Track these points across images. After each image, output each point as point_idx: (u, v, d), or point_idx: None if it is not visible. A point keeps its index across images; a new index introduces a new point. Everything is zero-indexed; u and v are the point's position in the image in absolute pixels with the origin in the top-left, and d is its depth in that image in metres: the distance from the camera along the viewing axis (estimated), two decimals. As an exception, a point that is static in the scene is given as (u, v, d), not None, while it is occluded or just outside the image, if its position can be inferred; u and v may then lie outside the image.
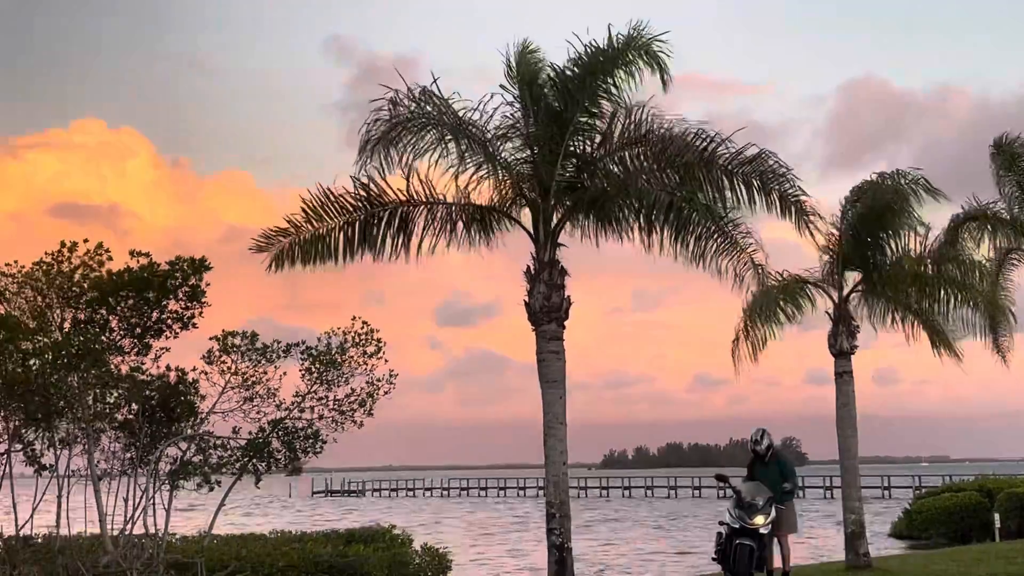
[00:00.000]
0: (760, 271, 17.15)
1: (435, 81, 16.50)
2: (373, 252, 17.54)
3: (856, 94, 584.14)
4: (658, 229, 16.74)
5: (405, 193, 17.11)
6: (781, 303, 20.19)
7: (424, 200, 17.19)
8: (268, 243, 17.53)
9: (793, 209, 16.56)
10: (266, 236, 17.52)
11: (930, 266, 20.13)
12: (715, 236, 16.72)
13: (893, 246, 20.43)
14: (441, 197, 17.16)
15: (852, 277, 20.57)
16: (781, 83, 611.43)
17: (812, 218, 16.95)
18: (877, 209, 19.72)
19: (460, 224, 17.46)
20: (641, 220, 16.78)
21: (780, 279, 18.70)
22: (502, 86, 16.92)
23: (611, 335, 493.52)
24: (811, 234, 17.22)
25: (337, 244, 17.47)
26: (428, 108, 16.39)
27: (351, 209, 17.27)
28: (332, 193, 17.15)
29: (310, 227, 17.33)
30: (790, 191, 16.48)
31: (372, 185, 16.98)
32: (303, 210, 17.26)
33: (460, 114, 16.55)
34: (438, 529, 53.76)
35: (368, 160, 16.25)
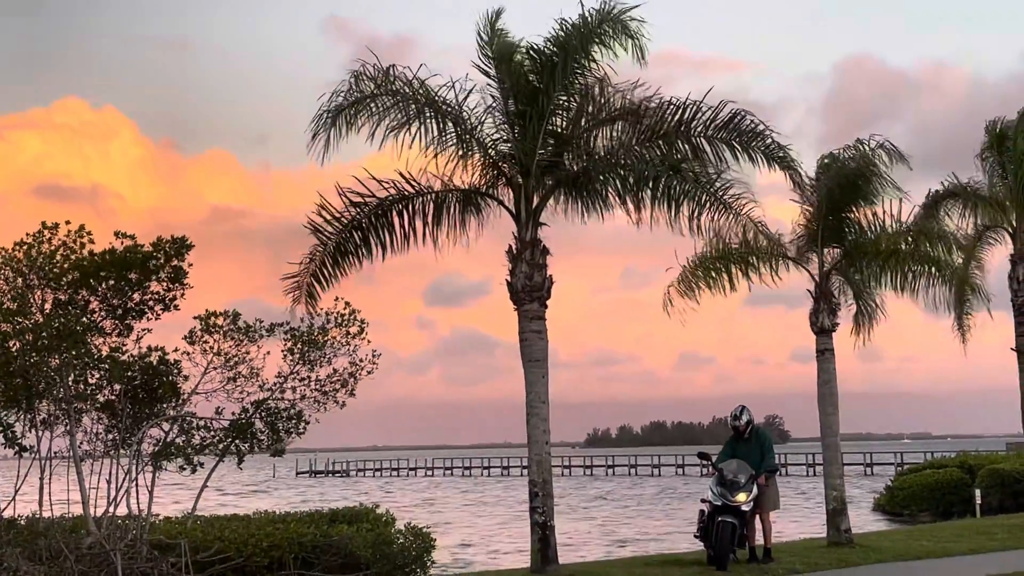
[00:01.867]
0: (760, 227, 17.21)
1: (403, 71, 16.45)
2: (383, 250, 17.54)
3: (852, 72, 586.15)
4: (647, 204, 16.71)
5: (397, 187, 17.10)
6: (753, 261, 20.13)
7: (416, 190, 17.16)
8: (297, 290, 17.62)
9: (779, 163, 16.53)
10: (291, 284, 17.76)
11: (908, 240, 20.13)
12: (707, 204, 16.69)
13: (866, 221, 20.41)
14: (428, 186, 17.12)
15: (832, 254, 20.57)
16: (777, 61, 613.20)
17: (799, 170, 17.01)
18: (844, 182, 19.72)
19: (452, 209, 17.43)
20: (629, 196, 16.75)
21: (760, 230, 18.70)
22: (475, 63, 16.85)
23: (599, 314, 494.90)
24: (801, 186, 17.22)
25: (346, 255, 17.49)
26: (396, 86, 16.33)
27: (347, 221, 17.26)
28: (327, 207, 17.15)
29: (320, 248, 17.37)
30: (772, 146, 16.46)
31: (363, 185, 16.99)
32: (313, 226, 17.25)
33: (434, 93, 16.48)
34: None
35: (324, 134, 16.17)
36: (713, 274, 20.40)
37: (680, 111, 16.46)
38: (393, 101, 16.32)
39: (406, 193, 17.09)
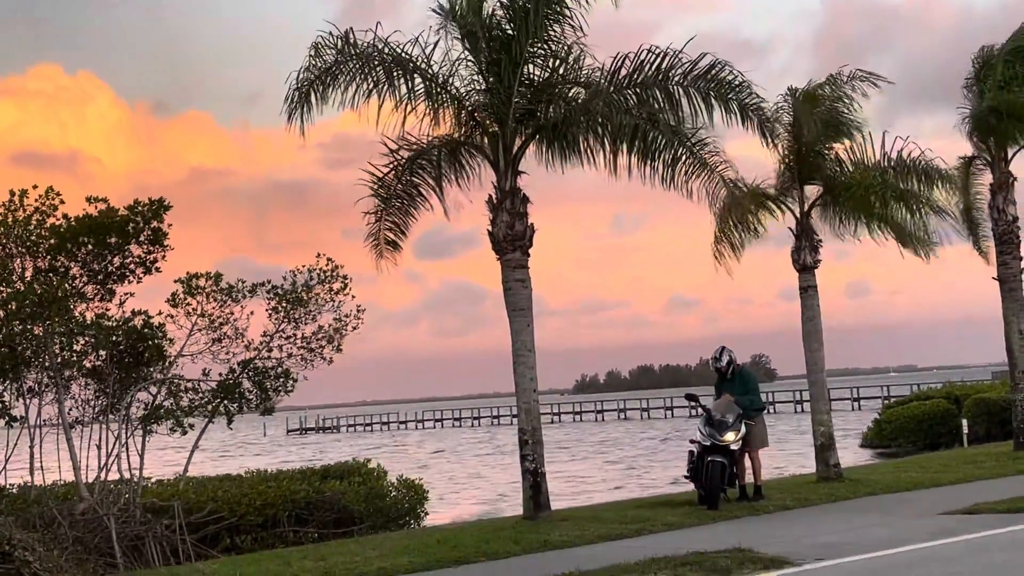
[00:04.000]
0: (732, 187, 17.18)
1: (366, 33, 16.36)
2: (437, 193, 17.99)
3: (842, 7, 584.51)
4: (624, 153, 16.67)
5: (410, 146, 17.26)
6: (743, 213, 20.08)
7: (426, 146, 17.28)
8: (376, 246, 18.21)
9: (754, 118, 16.49)
10: (371, 243, 18.24)
11: (884, 174, 20.11)
12: (683, 157, 16.66)
13: (847, 156, 20.41)
14: (429, 142, 17.20)
15: (812, 191, 20.56)
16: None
17: (773, 125, 17.06)
18: (811, 125, 19.69)
19: (461, 161, 17.52)
20: (606, 145, 16.69)
21: (746, 188, 18.63)
22: (433, 10, 16.74)
23: (589, 261, 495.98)
24: (772, 142, 17.21)
25: (402, 208, 18.11)
26: (360, 49, 16.17)
27: (390, 181, 17.77)
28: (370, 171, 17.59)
29: (381, 206, 17.94)
30: (749, 100, 16.39)
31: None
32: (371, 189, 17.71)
33: (400, 51, 16.32)
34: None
35: (297, 110, 16.06)
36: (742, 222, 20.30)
37: (660, 58, 16.36)
38: (359, 65, 16.15)
39: (420, 149, 17.32)
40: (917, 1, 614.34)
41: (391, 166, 17.61)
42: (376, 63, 16.16)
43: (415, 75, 16.35)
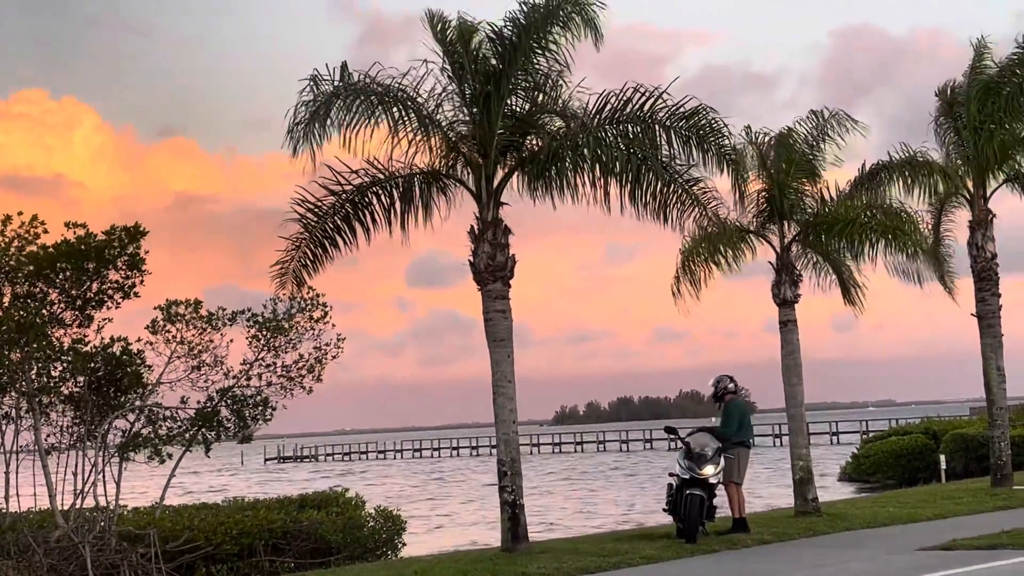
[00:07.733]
0: (721, 223, 17.36)
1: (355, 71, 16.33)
2: (365, 233, 17.49)
3: (850, 41, 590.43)
4: (615, 187, 16.69)
5: (368, 174, 17.07)
6: (721, 248, 20.21)
7: (386, 176, 17.13)
8: (283, 275, 17.59)
9: (728, 167, 16.69)
10: (277, 271, 17.56)
11: (869, 212, 20.26)
12: (674, 194, 16.75)
13: (826, 194, 20.65)
14: (397, 171, 17.09)
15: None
16: (776, 31, 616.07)
17: (745, 175, 17.37)
18: (784, 163, 20.00)
19: (421, 192, 17.39)
20: (596, 181, 16.71)
21: (723, 225, 18.72)
22: (430, 47, 16.73)
23: (579, 291, 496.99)
24: (741, 194, 17.44)
25: (329, 240, 17.49)
26: (351, 85, 16.18)
27: (327, 209, 17.24)
28: (307, 197, 17.14)
29: (304, 235, 17.35)
30: (727, 148, 16.60)
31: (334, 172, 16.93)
32: (298, 215, 17.24)
33: (390, 83, 16.37)
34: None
35: (300, 141, 15.99)
36: (721, 248, 20.35)
37: (646, 98, 16.46)
38: (354, 98, 16.15)
39: (378, 178, 17.10)
40: (925, 35, 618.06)
41: (337, 193, 17.19)
42: (362, 98, 16.16)
43: (403, 106, 16.35)
